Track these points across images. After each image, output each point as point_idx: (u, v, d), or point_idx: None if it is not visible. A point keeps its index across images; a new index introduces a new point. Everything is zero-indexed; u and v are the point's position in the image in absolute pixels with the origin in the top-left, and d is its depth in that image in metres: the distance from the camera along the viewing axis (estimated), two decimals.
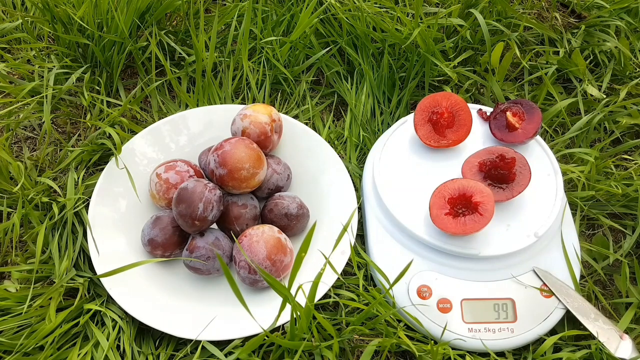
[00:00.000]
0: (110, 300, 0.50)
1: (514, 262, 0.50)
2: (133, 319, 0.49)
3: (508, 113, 0.55)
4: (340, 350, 0.47)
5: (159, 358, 0.47)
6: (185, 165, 0.55)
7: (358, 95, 0.65)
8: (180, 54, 0.68)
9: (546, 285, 0.49)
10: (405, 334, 0.47)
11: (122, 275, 0.46)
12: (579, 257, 0.51)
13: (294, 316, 0.43)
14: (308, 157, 0.59)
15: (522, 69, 0.69)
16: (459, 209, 0.49)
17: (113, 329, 0.48)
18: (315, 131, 0.61)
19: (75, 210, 0.54)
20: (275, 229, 0.52)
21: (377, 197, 0.53)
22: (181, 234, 0.52)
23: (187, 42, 0.70)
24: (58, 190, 0.54)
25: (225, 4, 0.75)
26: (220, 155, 0.52)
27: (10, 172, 0.57)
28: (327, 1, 0.67)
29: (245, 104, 0.65)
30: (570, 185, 0.59)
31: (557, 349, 0.48)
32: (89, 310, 0.49)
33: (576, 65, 0.67)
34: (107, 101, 0.64)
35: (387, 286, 0.47)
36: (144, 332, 0.49)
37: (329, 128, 0.64)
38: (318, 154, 0.58)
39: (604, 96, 0.65)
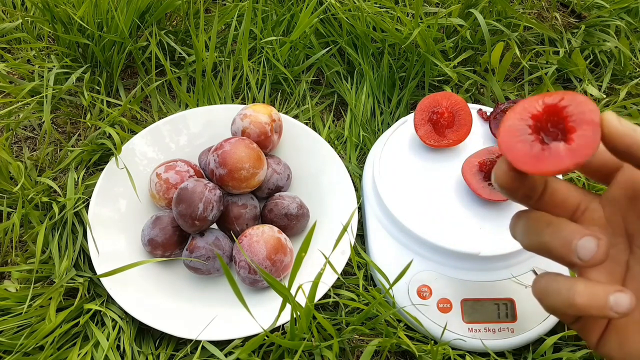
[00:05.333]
0: (110, 300, 0.50)
1: (514, 262, 0.49)
2: (133, 319, 0.49)
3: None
4: (340, 350, 0.47)
5: (159, 358, 0.47)
6: (185, 165, 0.55)
7: (358, 95, 0.65)
8: (180, 54, 0.68)
9: None
10: (405, 334, 0.47)
11: (122, 275, 0.46)
12: None
13: (294, 316, 0.43)
14: (308, 157, 0.59)
15: (522, 69, 0.69)
16: (547, 134, 0.30)
17: (113, 329, 0.48)
18: (315, 131, 0.61)
19: (75, 210, 0.54)
20: (275, 229, 0.52)
21: (377, 197, 0.53)
22: (181, 234, 0.52)
23: (187, 42, 0.70)
24: (58, 190, 0.54)
25: (225, 4, 0.75)
26: (220, 155, 0.52)
27: (10, 172, 0.57)
28: (327, 1, 0.67)
29: (245, 104, 0.65)
30: None
31: (557, 349, 0.48)
32: (89, 310, 0.49)
33: (576, 65, 0.67)
34: (107, 101, 0.64)
35: (387, 286, 0.47)
36: (144, 332, 0.49)
37: (329, 128, 0.64)
38: (318, 154, 0.58)
39: (604, 96, 0.65)
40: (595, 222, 0.31)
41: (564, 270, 0.50)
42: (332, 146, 0.59)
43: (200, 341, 0.46)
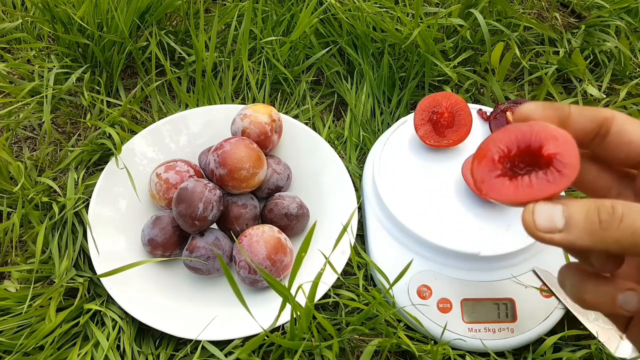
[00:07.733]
0: (110, 300, 0.50)
1: (514, 262, 0.50)
2: (133, 319, 0.49)
3: (508, 113, 0.56)
4: (340, 350, 0.47)
5: (159, 358, 0.47)
6: (185, 165, 0.55)
7: (358, 95, 0.65)
8: (180, 54, 0.68)
9: (546, 285, 0.49)
10: (405, 334, 0.47)
11: (122, 275, 0.46)
12: None
13: (294, 316, 0.43)
14: (308, 157, 0.59)
15: (522, 69, 0.69)
16: (519, 169, 0.30)
17: (113, 329, 0.48)
18: (315, 131, 0.61)
19: (75, 210, 0.54)
20: (275, 229, 0.52)
21: (377, 197, 0.53)
22: (181, 234, 0.52)
23: (187, 42, 0.70)
24: (58, 190, 0.54)
25: (225, 4, 0.75)
26: (220, 155, 0.52)
27: (10, 172, 0.57)
28: (327, 1, 0.67)
29: (245, 104, 0.65)
30: None
31: (557, 349, 0.48)
32: (89, 310, 0.49)
33: (576, 65, 0.67)
34: (107, 101, 0.64)
35: (387, 286, 0.47)
36: (144, 332, 0.49)
37: (329, 128, 0.64)
38: (318, 154, 0.58)
39: (604, 96, 0.65)
40: None
41: None
42: (332, 146, 0.59)
43: (200, 341, 0.46)
